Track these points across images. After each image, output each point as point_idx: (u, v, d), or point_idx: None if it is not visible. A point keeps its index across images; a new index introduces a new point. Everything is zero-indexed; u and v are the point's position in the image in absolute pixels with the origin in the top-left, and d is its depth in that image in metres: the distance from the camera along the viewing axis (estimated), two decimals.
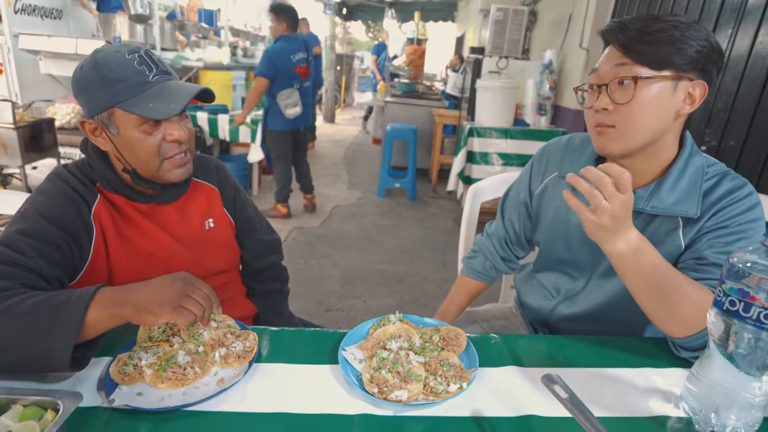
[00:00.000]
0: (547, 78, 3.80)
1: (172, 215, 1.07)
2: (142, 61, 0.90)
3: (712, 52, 0.85)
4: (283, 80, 3.61)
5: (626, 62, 0.86)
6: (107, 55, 0.89)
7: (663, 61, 0.84)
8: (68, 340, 0.70)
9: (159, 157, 0.95)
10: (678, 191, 0.91)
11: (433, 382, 0.75)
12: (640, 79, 0.85)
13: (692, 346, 0.81)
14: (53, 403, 0.64)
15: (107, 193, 0.99)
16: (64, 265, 0.90)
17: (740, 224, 0.87)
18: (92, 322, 0.73)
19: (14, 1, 3.80)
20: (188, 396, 0.73)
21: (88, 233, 0.95)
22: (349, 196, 4.83)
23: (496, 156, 3.73)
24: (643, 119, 0.87)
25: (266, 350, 0.85)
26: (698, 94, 0.87)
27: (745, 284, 0.62)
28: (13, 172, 3.62)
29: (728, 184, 0.91)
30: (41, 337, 0.70)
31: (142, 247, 1.02)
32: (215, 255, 1.14)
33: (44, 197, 0.92)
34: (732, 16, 2.12)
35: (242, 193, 1.24)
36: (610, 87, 0.88)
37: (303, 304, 2.73)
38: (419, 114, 5.48)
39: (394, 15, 10.33)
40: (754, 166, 1.93)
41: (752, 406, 0.67)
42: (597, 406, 0.73)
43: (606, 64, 0.90)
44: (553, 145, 1.16)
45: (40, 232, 0.87)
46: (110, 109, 0.90)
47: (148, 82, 0.90)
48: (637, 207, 0.92)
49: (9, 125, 2.80)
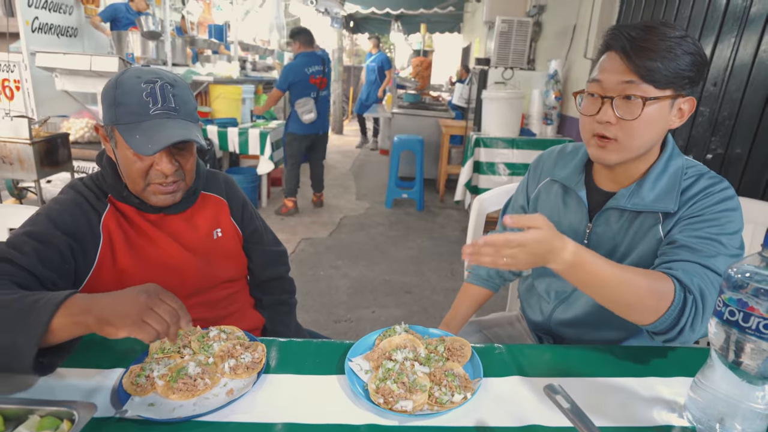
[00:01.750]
0: (552, 88, 3.81)
1: (180, 225, 1.10)
2: (151, 93, 0.93)
3: (703, 67, 0.89)
4: (299, 90, 4.14)
5: (633, 79, 0.88)
6: (128, 78, 0.94)
7: (668, 81, 0.87)
8: (31, 341, 0.69)
9: (144, 181, 0.98)
10: (657, 189, 0.97)
11: (437, 393, 0.77)
12: (648, 100, 0.87)
13: (660, 330, 0.82)
14: (69, 413, 0.67)
15: (118, 203, 1.03)
16: (62, 268, 0.93)
17: (713, 213, 0.91)
18: (56, 327, 0.71)
19: (32, 21, 3.91)
20: (198, 406, 0.74)
21: (95, 241, 0.99)
22: (357, 206, 4.86)
23: (503, 166, 3.74)
24: (644, 135, 0.92)
25: (274, 361, 0.87)
26: (687, 109, 0.93)
27: (744, 294, 0.63)
28: (29, 186, 3.70)
29: (705, 182, 0.95)
30: (6, 333, 0.70)
31: (152, 255, 1.05)
32: (224, 264, 1.17)
33: (57, 205, 0.98)
34: (735, 24, 2.13)
35: (250, 206, 1.27)
36: (616, 101, 0.90)
37: (311, 315, 2.74)
38: (426, 125, 5.51)
39: (401, 27, 10.43)
40: (760, 174, 1.92)
41: (756, 415, 0.67)
42: (600, 416, 0.74)
43: (611, 75, 0.91)
44: (548, 153, 1.22)
45: (44, 235, 0.91)
46: (112, 126, 0.95)
47: (147, 115, 0.93)
48: (619, 205, 0.99)
49: (26, 140, 2.87)
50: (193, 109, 1.01)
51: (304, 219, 4.33)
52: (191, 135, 0.95)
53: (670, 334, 0.82)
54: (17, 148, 2.89)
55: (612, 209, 1.01)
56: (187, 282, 1.09)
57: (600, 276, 0.81)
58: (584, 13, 3.68)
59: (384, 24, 10.52)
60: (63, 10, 4.25)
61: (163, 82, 0.95)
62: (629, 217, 1.00)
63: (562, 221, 1.09)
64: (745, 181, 2.00)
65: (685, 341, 0.83)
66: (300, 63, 4.12)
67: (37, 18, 3.97)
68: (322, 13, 8.49)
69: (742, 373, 0.66)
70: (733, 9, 2.17)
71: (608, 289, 0.82)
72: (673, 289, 0.82)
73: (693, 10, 2.49)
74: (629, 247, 1.00)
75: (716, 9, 2.29)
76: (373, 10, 9.13)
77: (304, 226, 4.17)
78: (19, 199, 3.67)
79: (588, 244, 1.05)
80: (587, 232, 1.05)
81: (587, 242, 1.05)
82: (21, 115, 2.90)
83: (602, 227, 1.03)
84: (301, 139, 4.31)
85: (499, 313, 1.48)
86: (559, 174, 1.12)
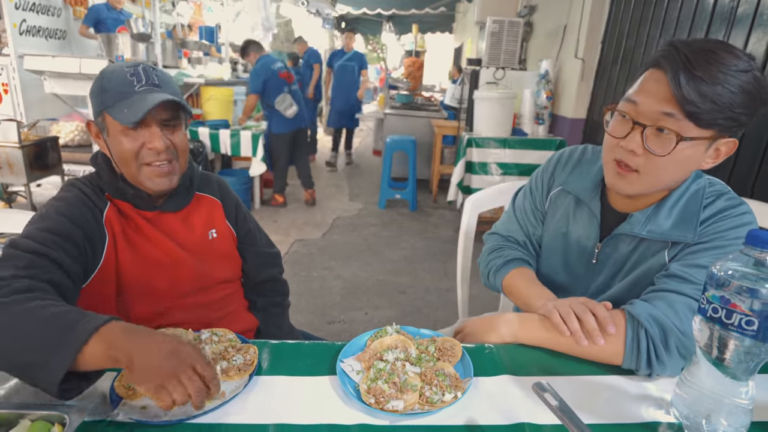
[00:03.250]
0: (543, 87, 3.84)
1: (176, 224, 1.11)
2: (134, 74, 0.98)
3: (758, 107, 0.78)
4: (272, 87, 4.23)
5: (674, 112, 0.77)
6: (112, 68, 1.00)
7: (713, 124, 0.77)
8: (63, 363, 0.66)
9: (137, 162, 0.99)
10: (675, 216, 0.89)
11: (428, 392, 0.77)
12: (684, 140, 0.78)
13: (633, 367, 0.84)
14: (60, 417, 0.67)
15: (116, 200, 1.04)
16: (82, 262, 0.94)
17: (724, 240, 0.85)
18: (89, 356, 0.67)
19: (20, 23, 3.88)
20: (190, 409, 0.74)
21: (101, 238, 1.00)
22: (350, 207, 4.86)
23: (495, 166, 3.76)
24: (670, 174, 0.84)
25: (266, 363, 0.87)
26: (725, 151, 0.83)
27: (726, 292, 0.64)
28: (18, 189, 3.67)
29: (722, 203, 0.88)
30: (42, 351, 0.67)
31: (149, 253, 1.06)
32: (219, 265, 1.17)
33: (62, 202, 0.98)
34: (723, 25, 2.16)
35: (243, 208, 1.28)
36: (647, 132, 0.81)
37: (305, 316, 2.74)
38: (419, 125, 5.53)
39: (392, 28, 10.45)
40: (748, 173, 1.95)
41: (741, 410, 0.69)
42: (588, 413, 0.75)
43: (651, 101, 0.80)
44: (566, 156, 1.11)
45: (62, 229, 0.91)
46: (102, 113, 0.97)
47: (132, 92, 0.96)
48: (632, 232, 0.93)
49: (14, 144, 2.85)
50: (177, 89, 1.03)
51: (296, 220, 4.33)
52: (177, 99, 0.98)
53: (643, 370, 0.83)
54: (6, 152, 2.87)
55: (624, 234, 0.95)
56: (183, 281, 1.09)
57: (546, 342, 0.91)
58: (575, 13, 3.71)
59: (375, 24, 10.53)
60: (51, 13, 4.23)
61: (145, 64, 1.00)
62: (640, 241, 0.95)
63: (571, 234, 1.05)
64: (733, 180, 2.03)
65: (671, 373, 0.83)
66: (264, 63, 4.24)
67: (24, 20, 3.94)
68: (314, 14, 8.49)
69: (726, 370, 0.67)
70: (720, 9, 2.20)
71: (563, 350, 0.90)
72: (624, 326, 0.84)
73: (681, 10, 2.52)
74: (631, 268, 0.97)
75: (704, 9, 2.32)
76: (364, 11, 9.14)
77: (297, 227, 4.17)
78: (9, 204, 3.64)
79: (595, 264, 1.02)
80: (596, 251, 1.01)
81: (595, 262, 1.02)
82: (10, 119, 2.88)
83: (611, 249, 0.99)
84: (285, 137, 4.39)
85: (491, 313, 1.49)
86: (574, 186, 1.04)
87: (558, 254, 1.09)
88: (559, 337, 0.88)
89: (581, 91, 3.65)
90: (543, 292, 1.02)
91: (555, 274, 1.12)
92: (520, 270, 1.09)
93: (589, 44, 3.56)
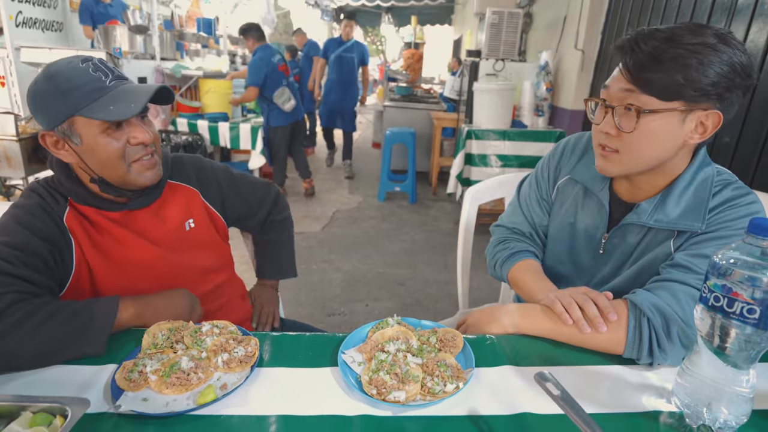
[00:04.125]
0: (543, 79, 3.82)
1: (148, 219, 1.07)
2: (96, 69, 0.91)
3: (735, 78, 0.78)
4: (272, 81, 4.19)
5: (632, 89, 0.82)
6: (60, 67, 0.90)
7: (672, 92, 0.79)
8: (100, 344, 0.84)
9: (125, 161, 0.95)
10: (683, 204, 0.90)
11: (430, 383, 0.77)
12: (643, 113, 0.81)
13: (634, 357, 0.85)
14: (62, 409, 0.67)
15: (77, 205, 1.00)
16: (49, 274, 0.92)
17: (731, 229, 0.85)
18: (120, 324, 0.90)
19: (15, 15, 3.84)
20: (192, 401, 0.75)
21: (68, 244, 0.97)
22: (350, 200, 4.85)
23: (495, 158, 3.75)
24: (645, 149, 0.85)
25: (267, 355, 0.87)
26: (711, 124, 0.82)
27: (728, 280, 0.64)
28: (16, 183, 3.65)
29: (729, 192, 0.89)
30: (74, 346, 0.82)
31: (118, 255, 1.02)
32: (200, 255, 1.14)
33: (22, 211, 0.94)
34: (723, 15, 2.15)
35: (227, 181, 1.22)
36: (616, 111, 0.85)
37: (305, 308, 2.75)
38: (418, 117, 5.51)
39: (391, 20, 10.38)
40: (748, 163, 1.95)
41: (741, 399, 0.69)
42: (590, 403, 0.75)
43: (615, 83, 0.85)
44: (571, 144, 1.12)
45: (23, 243, 0.89)
46: (71, 118, 0.89)
47: (106, 87, 0.90)
48: (641, 221, 0.93)
49: (12, 137, 2.83)
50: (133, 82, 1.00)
51: (296, 213, 4.32)
52: (155, 87, 0.94)
53: (644, 359, 0.83)
54: (3, 145, 2.86)
55: (632, 224, 0.96)
56: (162, 279, 1.06)
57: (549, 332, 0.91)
58: (575, 4, 3.68)
59: (374, 16, 10.47)
60: (47, 4, 4.18)
61: (96, 58, 0.94)
62: (647, 231, 0.95)
63: (578, 223, 1.05)
64: (733, 170, 2.02)
65: (673, 362, 0.83)
66: (263, 55, 4.18)
67: (21, 12, 3.90)
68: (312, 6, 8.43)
69: (727, 358, 0.67)
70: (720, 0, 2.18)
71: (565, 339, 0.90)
72: (626, 315, 0.84)
73: (682, 0, 2.50)
74: (638, 257, 0.97)
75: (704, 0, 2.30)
76: (363, 2, 9.07)
77: (297, 220, 4.16)
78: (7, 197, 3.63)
79: (602, 254, 1.03)
80: (603, 242, 1.02)
81: (602, 252, 1.02)
82: (7, 112, 2.86)
83: (619, 239, 0.99)
84: (284, 130, 4.37)
85: (492, 304, 1.49)
86: (582, 175, 1.04)
87: (564, 244, 1.10)
88: (562, 326, 0.89)
89: (581, 82, 3.64)
90: (547, 285, 1.03)
91: (559, 264, 1.12)
92: (526, 262, 1.10)
93: (589, 35, 3.53)
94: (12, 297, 0.81)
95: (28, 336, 0.78)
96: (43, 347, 0.79)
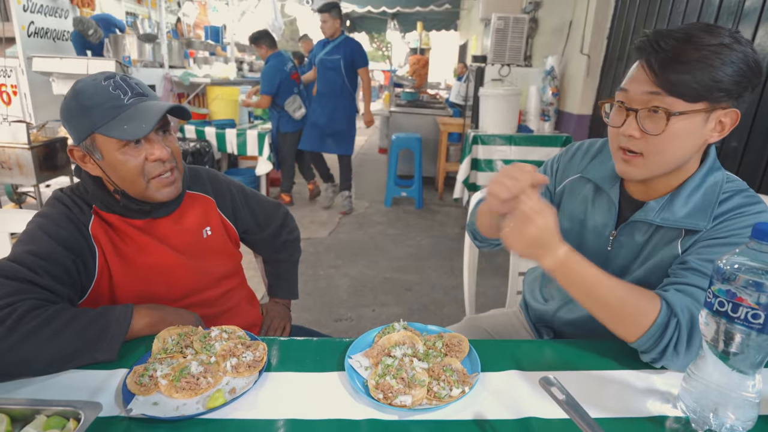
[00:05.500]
0: (549, 84, 3.82)
1: (170, 227, 1.10)
2: (116, 86, 0.94)
3: (752, 75, 0.79)
4: (284, 89, 4.25)
5: (658, 91, 0.81)
6: (85, 84, 0.94)
7: (699, 94, 0.79)
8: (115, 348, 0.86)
9: (144, 178, 0.97)
10: (691, 205, 0.90)
11: (436, 387, 0.78)
12: (674, 115, 0.81)
13: (644, 348, 0.83)
14: (75, 413, 0.68)
15: (102, 213, 1.02)
16: (71, 284, 0.94)
17: (740, 237, 0.85)
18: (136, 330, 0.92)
19: (27, 25, 3.92)
20: (201, 405, 0.76)
21: (92, 253, 0.99)
22: (357, 205, 4.87)
23: (501, 163, 3.68)
24: (673, 151, 0.85)
25: (275, 359, 0.88)
26: (729, 122, 0.84)
27: (733, 286, 0.64)
28: (28, 190, 3.71)
29: (739, 200, 0.88)
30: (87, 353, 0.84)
31: (141, 262, 1.05)
32: (215, 262, 1.17)
33: (47, 220, 0.96)
34: (730, 17, 2.14)
35: (240, 195, 1.26)
36: (640, 114, 0.84)
37: (312, 314, 2.76)
38: (424, 123, 5.53)
39: (397, 26, 10.43)
40: (756, 167, 1.94)
41: (748, 404, 0.69)
42: (596, 408, 0.75)
43: (636, 85, 0.84)
44: (586, 147, 1.13)
45: (48, 253, 0.91)
46: (91, 135, 0.93)
47: (123, 105, 0.93)
48: (648, 218, 0.93)
49: (24, 145, 2.88)
50: (154, 93, 1.01)
51: (303, 219, 4.34)
52: (169, 105, 0.96)
53: (653, 354, 0.83)
54: (16, 153, 2.90)
55: (640, 222, 0.96)
56: (179, 285, 1.10)
57: (587, 281, 0.84)
58: (580, 9, 3.69)
59: (380, 22, 10.53)
60: (58, 14, 4.26)
61: (119, 75, 0.96)
62: (655, 230, 0.95)
63: (588, 221, 1.06)
64: (741, 174, 2.00)
65: (678, 368, 0.82)
66: (277, 63, 4.24)
67: (32, 23, 3.97)
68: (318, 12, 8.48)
69: (732, 363, 0.67)
70: (727, 3, 2.18)
71: (594, 295, 0.85)
72: (658, 308, 0.82)
73: (688, 4, 2.51)
74: (647, 257, 0.97)
75: (711, 3, 2.30)
76: (369, 9, 9.13)
77: (303, 226, 4.18)
78: (19, 204, 3.68)
79: (610, 251, 1.02)
80: (611, 239, 1.02)
81: (610, 249, 1.02)
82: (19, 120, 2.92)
83: (626, 237, 0.99)
84: (293, 136, 4.42)
85: (497, 309, 1.49)
86: (594, 173, 1.05)
87: (572, 242, 1.09)
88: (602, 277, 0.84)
89: (587, 87, 3.64)
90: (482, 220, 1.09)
91: None
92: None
93: (595, 40, 3.54)
94: (31, 303, 0.83)
95: (44, 343, 0.80)
96: (57, 354, 0.81)
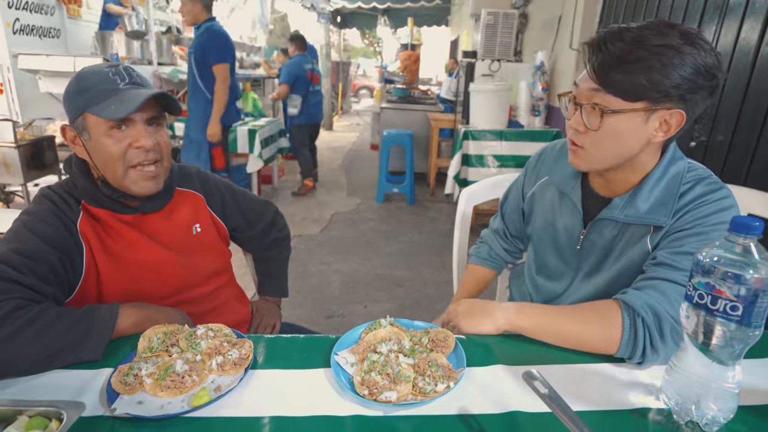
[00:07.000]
0: (539, 79, 3.83)
1: (160, 223, 1.09)
2: (116, 73, 0.97)
3: (698, 79, 0.79)
4: (298, 84, 4.91)
5: (598, 89, 0.83)
6: (88, 69, 0.98)
7: (636, 93, 0.81)
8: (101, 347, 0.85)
9: (124, 164, 0.97)
10: (652, 199, 0.91)
11: (421, 383, 0.78)
12: (607, 113, 0.83)
13: (627, 356, 0.85)
14: (57, 413, 0.68)
15: (91, 208, 1.01)
16: (57, 283, 0.93)
17: (704, 226, 0.86)
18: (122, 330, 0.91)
19: (13, 22, 3.86)
20: (186, 403, 0.76)
21: (79, 250, 0.98)
22: (348, 202, 4.87)
23: (492, 158, 3.76)
24: (610, 147, 0.88)
25: (261, 357, 0.88)
26: (675, 123, 0.84)
27: (712, 278, 0.65)
28: (15, 190, 3.67)
29: (701, 189, 0.89)
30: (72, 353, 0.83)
31: (129, 258, 1.04)
32: (205, 259, 1.17)
33: (33, 217, 0.95)
34: (715, 13, 2.16)
35: (229, 194, 1.27)
36: (584, 109, 0.87)
37: (304, 311, 2.75)
38: (415, 119, 5.53)
39: (388, 21, 10.40)
40: (742, 160, 1.95)
41: (728, 395, 0.70)
42: (579, 401, 0.76)
43: (584, 82, 0.87)
44: (549, 149, 1.17)
45: (33, 251, 0.90)
46: (83, 114, 0.95)
47: (117, 89, 0.95)
48: (612, 215, 0.95)
49: (10, 144, 2.85)
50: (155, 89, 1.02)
51: (295, 216, 4.33)
52: (156, 91, 0.97)
53: (636, 358, 0.84)
54: (2, 152, 2.87)
55: (606, 219, 0.98)
56: (168, 282, 1.09)
57: (543, 326, 0.90)
58: (569, 4, 3.69)
59: (371, 18, 10.48)
60: (45, 11, 4.20)
61: (123, 65, 0.99)
62: (620, 227, 0.96)
63: (557, 222, 1.08)
64: (727, 168, 2.04)
65: (662, 361, 0.82)
66: (299, 61, 4.93)
67: (18, 19, 3.92)
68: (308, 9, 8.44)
69: (713, 355, 0.68)
70: None
71: (558, 334, 0.90)
72: (620, 315, 0.84)
73: (675, 0, 2.52)
74: (619, 255, 0.98)
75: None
76: (359, 5, 9.08)
77: (295, 223, 4.18)
78: (6, 204, 3.64)
79: (581, 249, 1.04)
80: (581, 238, 1.03)
81: (580, 248, 1.04)
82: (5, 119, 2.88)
83: (595, 235, 1.01)
84: (306, 127, 5.08)
85: None
86: (556, 177, 1.09)
87: (548, 241, 1.13)
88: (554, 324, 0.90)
89: None
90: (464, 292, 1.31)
91: (548, 257, 1.14)
92: (470, 267, 1.35)
93: (584, 35, 3.54)
94: (15, 303, 0.82)
95: (28, 343, 0.79)
96: (42, 354, 0.80)
